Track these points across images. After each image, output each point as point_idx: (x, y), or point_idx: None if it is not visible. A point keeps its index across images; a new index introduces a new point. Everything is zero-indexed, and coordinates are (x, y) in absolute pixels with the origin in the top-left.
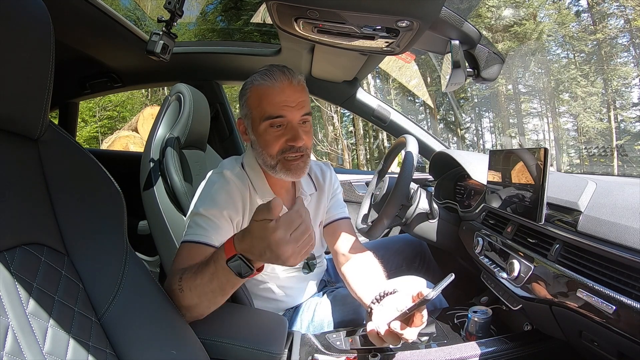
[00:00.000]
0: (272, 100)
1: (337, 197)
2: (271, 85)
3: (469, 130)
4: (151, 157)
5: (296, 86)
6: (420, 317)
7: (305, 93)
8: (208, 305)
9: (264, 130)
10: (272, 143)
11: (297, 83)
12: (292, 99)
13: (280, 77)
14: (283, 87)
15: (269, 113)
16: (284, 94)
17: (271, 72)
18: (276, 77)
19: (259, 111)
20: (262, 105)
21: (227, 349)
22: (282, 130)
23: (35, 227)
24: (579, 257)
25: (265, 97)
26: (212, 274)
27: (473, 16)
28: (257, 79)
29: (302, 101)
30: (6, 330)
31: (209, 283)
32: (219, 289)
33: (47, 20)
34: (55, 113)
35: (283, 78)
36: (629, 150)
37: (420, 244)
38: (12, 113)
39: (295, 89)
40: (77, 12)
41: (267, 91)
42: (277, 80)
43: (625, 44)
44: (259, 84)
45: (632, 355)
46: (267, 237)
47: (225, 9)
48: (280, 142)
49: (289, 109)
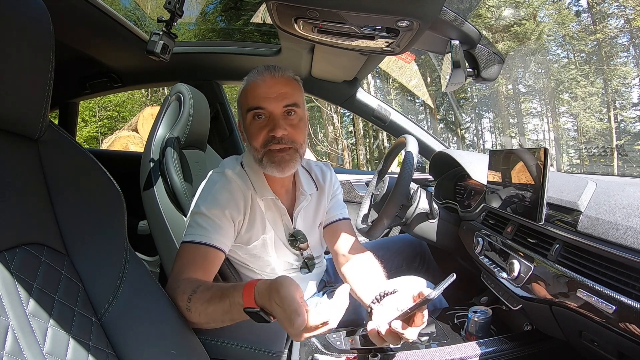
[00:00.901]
0: (253, 92)
1: (337, 198)
2: (254, 80)
3: (469, 130)
4: (151, 157)
5: (278, 78)
6: (421, 317)
7: (291, 86)
8: (214, 327)
9: (249, 124)
10: (255, 135)
11: (280, 75)
12: (273, 91)
13: (263, 72)
14: (264, 79)
15: (250, 104)
16: (265, 85)
17: (257, 70)
18: (260, 73)
19: (244, 105)
20: (247, 98)
21: (227, 349)
22: (264, 122)
23: (35, 227)
24: (579, 257)
25: (249, 91)
26: (226, 311)
27: (473, 16)
28: (246, 80)
29: (284, 92)
30: (6, 330)
31: (221, 316)
32: (229, 321)
33: (47, 20)
34: (55, 113)
35: (266, 72)
36: (629, 150)
37: (420, 244)
38: (12, 113)
39: (277, 81)
40: (77, 12)
41: (250, 86)
42: (260, 74)
43: (625, 44)
44: (247, 83)
45: (632, 355)
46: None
47: (225, 9)
48: (262, 134)
49: (269, 99)
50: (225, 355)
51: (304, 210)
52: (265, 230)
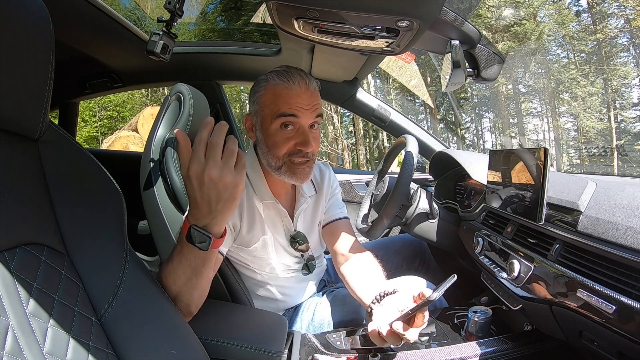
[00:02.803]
0: (287, 100)
1: (335, 197)
2: (289, 86)
3: (469, 130)
4: (151, 157)
5: (313, 91)
6: (421, 318)
7: (319, 98)
8: (189, 292)
9: (274, 131)
10: (281, 145)
11: (314, 89)
12: (308, 102)
13: (298, 80)
14: (300, 91)
15: (283, 110)
16: (301, 97)
17: (290, 73)
18: (294, 80)
19: (271, 109)
20: (278, 103)
21: (227, 349)
22: (292, 133)
23: (35, 227)
24: (579, 257)
25: (282, 96)
26: (179, 255)
27: (473, 16)
28: (274, 78)
29: (316, 104)
30: (6, 330)
31: (179, 265)
32: (190, 270)
33: (47, 20)
34: (55, 113)
35: (301, 82)
36: (629, 150)
37: (420, 244)
38: (12, 113)
39: (311, 94)
40: (77, 12)
41: (284, 92)
42: (295, 83)
43: (625, 44)
44: (276, 83)
45: (632, 355)
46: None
47: (225, 9)
48: (289, 145)
49: (303, 110)
50: (225, 355)
51: (303, 212)
52: (265, 232)
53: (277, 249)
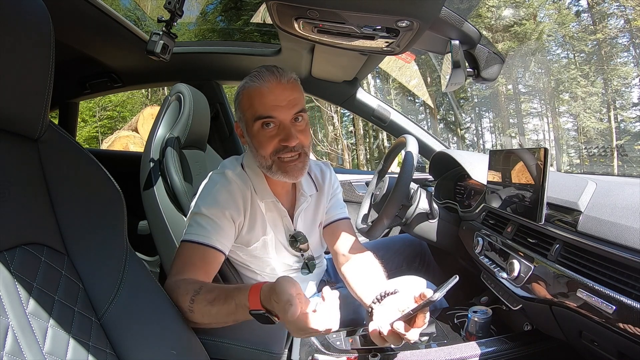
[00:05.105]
0: (261, 100)
1: (336, 197)
2: (259, 85)
3: (469, 130)
4: (151, 157)
5: (285, 84)
6: (422, 318)
7: (297, 90)
8: (216, 327)
9: (256, 132)
10: (265, 144)
11: (287, 81)
12: (282, 98)
13: (268, 77)
14: (272, 87)
15: (259, 113)
16: (273, 94)
17: (260, 73)
18: (265, 78)
19: (250, 113)
20: (253, 106)
21: (227, 349)
22: (274, 131)
23: (35, 227)
24: (579, 257)
25: (255, 98)
26: (231, 313)
27: (473, 16)
28: (248, 82)
29: (293, 99)
30: (6, 330)
31: (224, 317)
32: (232, 321)
33: (47, 20)
34: (55, 113)
35: (271, 78)
36: (629, 150)
37: (420, 244)
38: (12, 113)
39: (284, 87)
40: (77, 12)
41: (256, 92)
42: (266, 80)
43: (625, 44)
44: (249, 86)
45: (632, 355)
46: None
47: (225, 9)
48: (273, 143)
49: (280, 108)
50: (225, 355)
51: (304, 211)
52: (265, 231)
53: (278, 248)
